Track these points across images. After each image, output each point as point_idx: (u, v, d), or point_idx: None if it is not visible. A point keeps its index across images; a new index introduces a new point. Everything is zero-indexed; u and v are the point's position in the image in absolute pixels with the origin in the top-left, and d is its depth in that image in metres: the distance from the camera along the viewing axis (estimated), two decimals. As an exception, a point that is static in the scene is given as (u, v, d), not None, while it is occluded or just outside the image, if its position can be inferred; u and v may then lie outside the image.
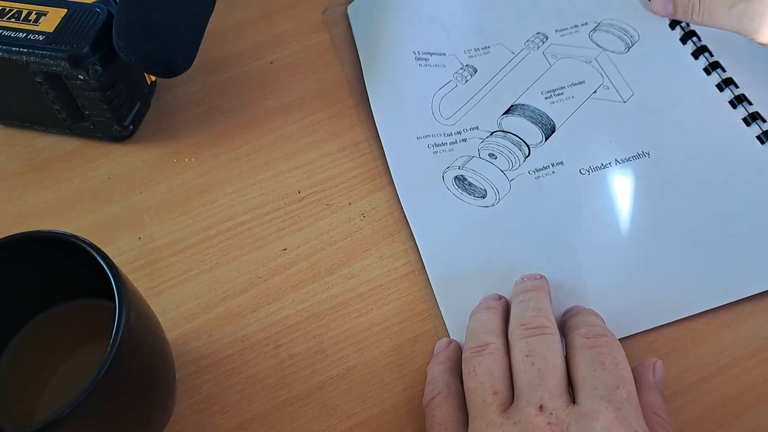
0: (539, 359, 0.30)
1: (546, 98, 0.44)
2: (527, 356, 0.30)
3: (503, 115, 0.43)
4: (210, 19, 0.41)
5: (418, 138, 0.42)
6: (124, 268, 0.40)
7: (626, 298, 0.36)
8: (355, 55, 0.47)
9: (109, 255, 0.28)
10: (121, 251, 0.40)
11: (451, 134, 0.43)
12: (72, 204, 0.42)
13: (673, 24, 0.46)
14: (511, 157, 0.41)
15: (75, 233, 0.28)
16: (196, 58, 0.40)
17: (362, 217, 0.40)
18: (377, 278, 0.38)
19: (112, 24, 0.37)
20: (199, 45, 0.40)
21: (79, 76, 0.38)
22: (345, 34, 0.48)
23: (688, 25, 0.46)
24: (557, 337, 0.31)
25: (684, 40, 0.45)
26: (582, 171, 0.41)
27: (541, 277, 0.36)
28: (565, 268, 0.37)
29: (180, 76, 0.39)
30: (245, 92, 0.46)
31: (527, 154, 0.42)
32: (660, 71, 0.44)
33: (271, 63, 0.47)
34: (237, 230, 0.40)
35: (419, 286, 0.38)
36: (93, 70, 0.38)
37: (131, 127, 0.43)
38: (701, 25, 0.43)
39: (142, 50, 0.37)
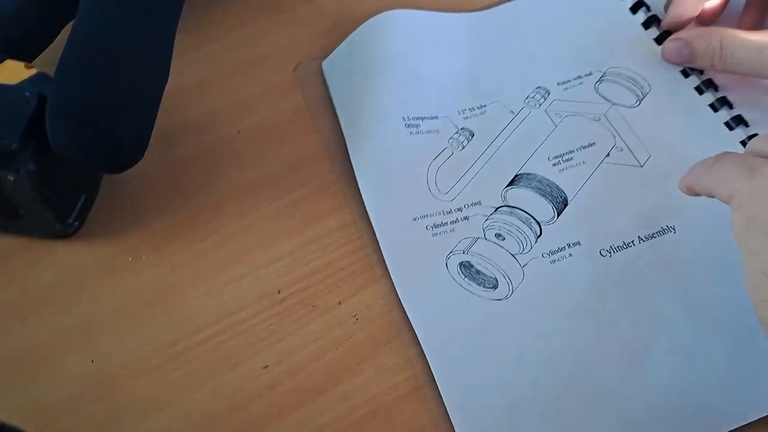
0: None
1: (554, 165, 0.39)
2: None
3: (508, 186, 0.38)
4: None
5: (414, 219, 0.37)
6: (74, 402, 0.34)
7: (670, 411, 0.32)
8: (335, 119, 0.41)
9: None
10: (70, 378, 0.33)
11: (451, 212, 0.37)
12: (6, 317, 0.35)
13: (686, 72, 0.41)
14: (521, 238, 0.36)
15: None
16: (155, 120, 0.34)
17: (354, 320, 0.35)
18: (377, 398, 0.33)
19: (45, 111, 0.31)
20: (152, 126, 0.34)
21: (9, 177, 0.32)
22: (321, 93, 0.42)
23: (702, 72, 0.41)
24: None
25: (700, 90, 0.41)
26: (602, 252, 0.36)
27: None
28: (596, 375, 0.32)
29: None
30: (209, 169, 0.40)
31: (539, 234, 0.36)
32: (677, 128, 0.40)
33: (238, 132, 0.41)
34: (209, 344, 0.34)
35: (427, 406, 0.32)
36: (24, 169, 0.31)
37: (76, 223, 0.36)
38: (723, 72, 0.39)
39: (84, 142, 0.31)
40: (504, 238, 0.36)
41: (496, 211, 0.37)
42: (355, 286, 0.36)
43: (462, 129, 0.40)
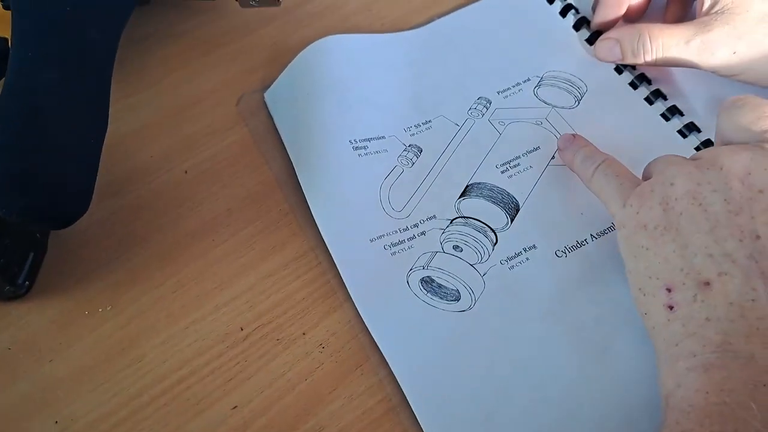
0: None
1: (502, 172, 0.39)
2: None
3: (460, 198, 0.38)
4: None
5: (371, 240, 0.37)
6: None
7: (642, 404, 0.32)
8: (283, 150, 0.41)
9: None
10: (34, 444, 0.32)
11: (407, 229, 0.37)
12: (-37, 390, 0.34)
13: (619, 69, 0.43)
14: (478, 247, 0.37)
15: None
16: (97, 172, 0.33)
17: (321, 349, 0.35)
18: (352, 425, 0.32)
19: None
20: (94, 180, 0.33)
21: (-53, 244, 0.31)
22: (266, 125, 0.42)
23: (634, 68, 0.42)
24: None
25: (635, 85, 0.42)
26: (558, 253, 0.36)
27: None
28: (566, 377, 0.33)
29: (77, 219, 0.32)
30: (159, 213, 0.39)
31: (495, 241, 0.37)
32: (616, 123, 0.41)
33: (186, 172, 0.41)
34: (174, 391, 0.33)
35: (403, 427, 0.32)
36: (-37, 234, 0.30)
37: (27, 282, 0.35)
38: (654, 65, 0.40)
39: (24, 205, 0.30)
40: (462, 250, 0.37)
41: (451, 223, 0.38)
42: (319, 315, 0.35)
43: (410, 146, 0.40)
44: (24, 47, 0.32)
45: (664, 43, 0.39)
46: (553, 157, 0.40)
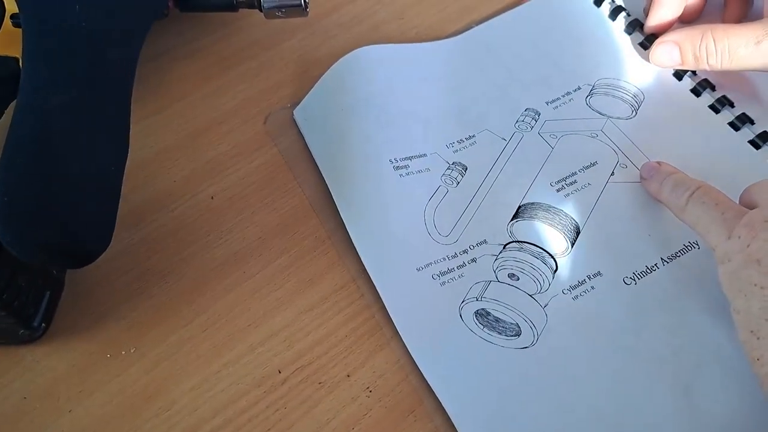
0: None
1: (558, 190, 0.36)
2: None
3: (513, 220, 0.35)
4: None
5: (418, 269, 0.34)
6: None
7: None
8: (317, 171, 0.38)
9: None
10: (54, 508, 0.29)
11: (456, 256, 0.34)
12: (-24, 445, 0.31)
13: (679, 74, 0.39)
14: (537, 275, 0.33)
15: None
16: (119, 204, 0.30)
17: (368, 393, 0.31)
18: (408, 480, 0.29)
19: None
20: (116, 212, 0.30)
21: (-44, 288, 0.28)
22: (297, 144, 0.39)
23: (694, 73, 0.39)
24: None
25: (697, 92, 0.38)
26: (626, 280, 0.33)
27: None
28: (645, 415, 0.29)
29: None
30: (184, 244, 0.36)
31: (555, 268, 0.33)
32: (679, 135, 0.37)
33: (212, 198, 0.38)
34: (209, 444, 0.30)
35: (466, 482, 0.29)
36: (-27, 277, 0.27)
37: (43, 325, 0.32)
38: (719, 70, 0.37)
39: (41, 241, 0.27)
40: (518, 278, 0.33)
41: (504, 248, 0.34)
42: (364, 354, 0.32)
43: (454, 164, 0.37)
44: (36, 68, 0.29)
45: (731, 45, 0.36)
46: (612, 173, 0.36)
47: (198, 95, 0.41)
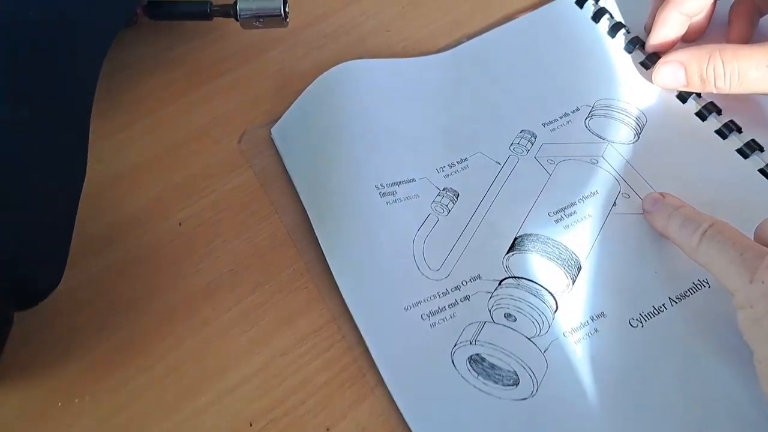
0: None
1: (557, 221, 0.33)
2: None
3: (509, 253, 0.32)
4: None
5: (406, 308, 0.31)
6: None
7: None
8: (295, 196, 0.35)
9: None
10: None
11: (447, 293, 0.31)
12: None
13: (683, 96, 0.37)
14: (536, 316, 0.30)
15: None
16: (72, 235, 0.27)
17: (351, 448, 0.28)
18: None
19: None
20: (68, 245, 0.27)
21: None
22: (275, 166, 0.36)
23: (699, 95, 0.37)
24: None
25: (702, 115, 0.36)
26: (632, 322, 0.30)
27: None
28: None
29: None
30: (149, 275, 0.33)
31: (555, 308, 0.31)
32: (685, 161, 0.35)
33: (180, 224, 0.34)
34: None
35: None
36: None
37: (-16, 370, 0.29)
38: (728, 93, 0.34)
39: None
40: (516, 319, 0.30)
41: (500, 285, 0.31)
42: (345, 404, 0.29)
43: (444, 190, 0.34)
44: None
45: (741, 67, 0.33)
46: (614, 204, 0.34)
47: (168, 111, 0.38)
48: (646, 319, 0.30)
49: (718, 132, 0.35)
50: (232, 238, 0.34)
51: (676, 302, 0.31)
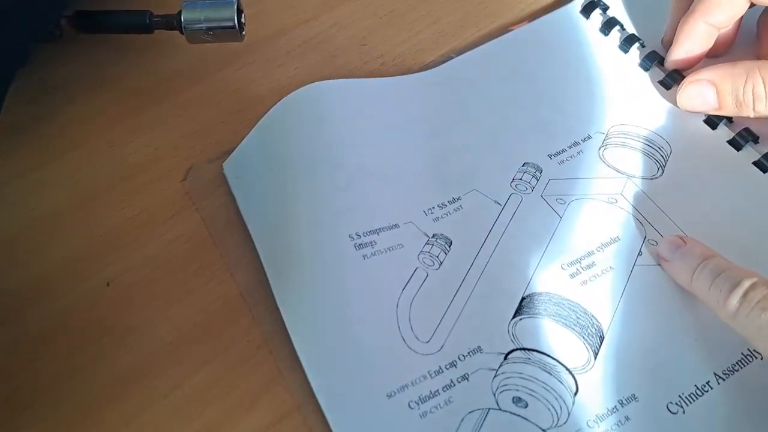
0: None
1: (572, 276, 0.27)
2: None
3: (515, 317, 0.26)
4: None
5: (389, 395, 0.24)
6: None
7: None
8: (251, 247, 0.28)
9: None
10: None
11: (440, 371, 0.25)
12: None
13: (712, 121, 0.31)
14: (552, 401, 0.24)
15: None
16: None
17: None
18: None
19: None
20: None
21: None
22: (227, 209, 0.30)
23: (730, 120, 0.31)
24: None
25: (737, 144, 0.30)
26: (671, 407, 0.24)
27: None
28: None
29: None
30: (68, 351, 0.26)
31: (575, 390, 0.25)
32: (720, 199, 0.29)
33: (108, 285, 0.28)
34: None
35: None
36: None
37: None
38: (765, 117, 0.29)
39: None
40: (527, 405, 0.24)
41: (506, 359, 0.25)
42: None
43: (434, 237, 0.28)
44: None
45: (787, 88, 0.28)
46: (640, 253, 0.28)
47: (97, 144, 0.32)
48: (687, 402, 0.24)
49: (757, 164, 0.30)
50: (173, 302, 0.27)
51: (723, 378, 0.25)
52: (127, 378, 0.26)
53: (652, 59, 0.33)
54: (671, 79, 0.32)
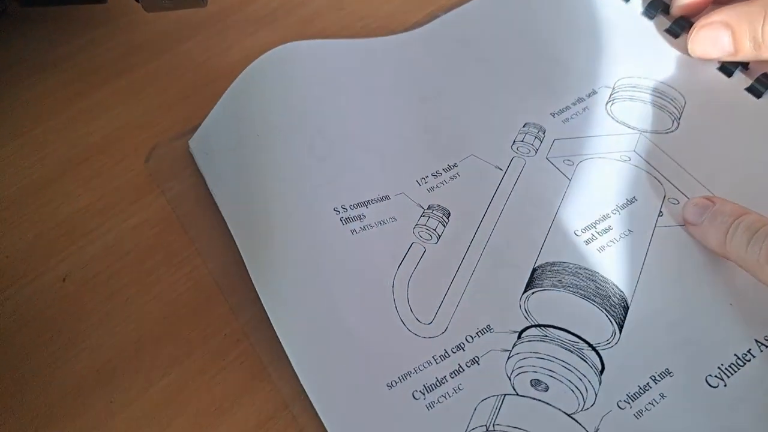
0: None
1: (587, 242, 0.24)
2: None
3: (527, 291, 0.23)
4: None
5: (390, 385, 0.21)
6: None
7: None
8: (225, 229, 0.25)
9: None
10: None
11: (447, 355, 0.22)
12: None
13: (727, 68, 0.29)
14: (576, 382, 0.21)
15: None
16: None
17: None
18: None
19: None
20: None
21: None
22: (196, 190, 0.26)
23: (747, 66, 0.28)
24: None
25: (756, 91, 0.28)
26: (710, 380, 0.21)
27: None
28: None
29: None
30: (19, 355, 0.23)
31: (600, 368, 0.22)
32: (743, 151, 0.26)
33: (64, 280, 0.24)
34: None
35: None
36: None
37: None
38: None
39: None
40: (547, 387, 0.21)
41: (519, 338, 0.22)
42: None
43: (430, 208, 0.25)
44: None
45: (811, 22, 0.25)
46: (660, 213, 0.25)
47: (51, 125, 0.28)
48: (728, 373, 0.21)
49: (782, 111, 0.27)
50: (138, 295, 0.24)
51: (766, 345, 0.22)
52: (86, 385, 0.22)
53: (656, 7, 0.30)
54: (678, 27, 0.30)
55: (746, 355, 0.22)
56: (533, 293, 0.23)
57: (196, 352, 0.23)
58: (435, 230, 0.25)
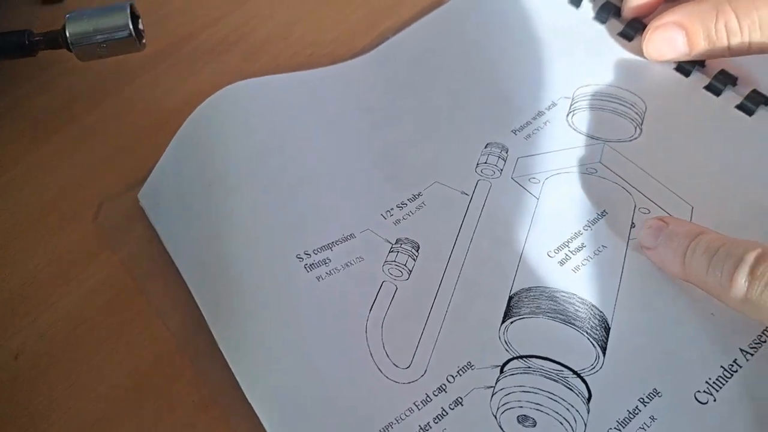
0: None
1: (561, 263, 0.23)
2: None
3: (505, 321, 0.22)
4: None
5: (371, 440, 0.20)
6: None
7: None
8: (183, 287, 0.24)
9: None
10: None
11: (429, 399, 0.21)
12: None
13: (684, 68, 0.28)
14: (563, 412, 0.21)
15: None
16: None
17: None
18: None
19: None
20: None
21: None
22: (149, 245, 0.25)
23: (703, 64, 0.28)
24: None
25: (715, 89, 0.27)
26: (699, 396, 0.21)
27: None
28: None
29: None
30: (-31, 452, 0.21)
31: (587, 395, 0.21)
32: (708, 153, 0.26)
33: (16, 358, 0.23)
34: None
35: None
36: None
37: None
38: (746, 53, 0.26)
39: None
40: (535, 422, 0.20)
41: (502, 372, 0.21)
42: None
43: (398, 243, 0.24)
44: None
45: (762, 19, 0.25)
46: (633, 225, 0.24)
47: (-13, 187, 0.27)
48: (717, 387, 0.21)
49: (741, 107, 0.27)
50: (96, 367, 0.22)
51: (752, 354, 0.21)
52: (51, 469, 0.21)
53: (608, 10, 0.30)
54: (632, 29, 0.29)
55: (732, 365, 0.21)
56: (512, 323, 0.22)
57: (160, 426, 0.21)
58: (405, 265, 0.24)
